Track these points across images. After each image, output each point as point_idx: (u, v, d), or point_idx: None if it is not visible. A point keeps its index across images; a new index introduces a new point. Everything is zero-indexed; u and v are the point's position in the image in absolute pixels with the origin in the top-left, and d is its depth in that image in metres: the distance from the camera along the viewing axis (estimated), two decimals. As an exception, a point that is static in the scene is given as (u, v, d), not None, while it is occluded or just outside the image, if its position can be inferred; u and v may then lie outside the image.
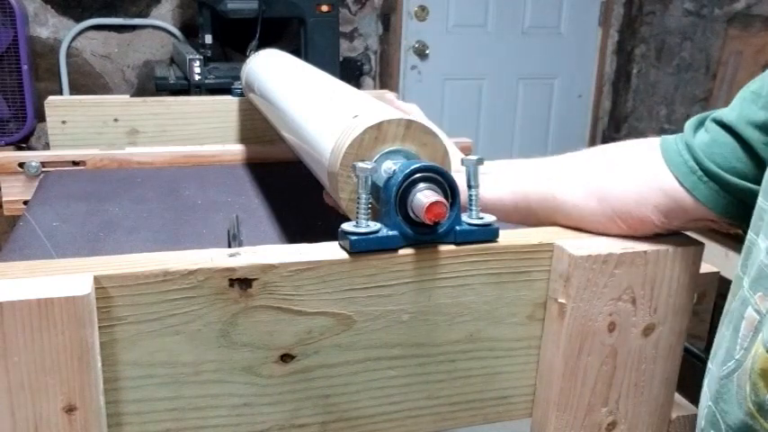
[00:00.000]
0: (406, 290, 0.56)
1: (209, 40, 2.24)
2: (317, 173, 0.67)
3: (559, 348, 0.59)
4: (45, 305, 0.45)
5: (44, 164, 1.05)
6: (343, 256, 0.54)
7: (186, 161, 1.12)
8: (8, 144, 2.38)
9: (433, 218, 0.53)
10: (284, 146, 0.88)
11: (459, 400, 0.62)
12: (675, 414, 0.66)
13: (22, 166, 1.04)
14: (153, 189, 1.00)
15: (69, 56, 2.60)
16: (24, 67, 2.36)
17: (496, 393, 0.63)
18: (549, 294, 0.60)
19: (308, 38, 2.28)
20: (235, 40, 2.47)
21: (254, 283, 0.52)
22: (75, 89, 2.60)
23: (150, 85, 2.47)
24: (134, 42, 2.67)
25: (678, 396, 0.66)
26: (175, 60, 2.47)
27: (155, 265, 0.50)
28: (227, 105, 1.22)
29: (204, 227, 0.87)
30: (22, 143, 2.42)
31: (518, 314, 0.60)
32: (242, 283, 0.52)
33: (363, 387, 0.58)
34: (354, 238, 0.54)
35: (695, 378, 0.65)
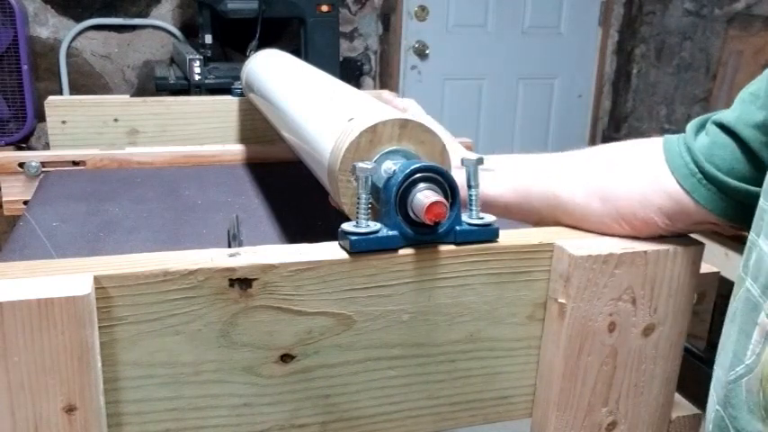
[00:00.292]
0: (406, 290, 0.56)
1: (209, 40, 2.24)
2: (317, 173, 0.67)
3: (559, 348, 0.59)
4: (45, 305, 0.45)
5: (44, 164, 1.05)
6: (344, 256, 0.54)
7: (186, 161, 1.11)
8: (8, 144, 2.38)
9: (433, 218, 0.53)
10: (284, 146, 0.88)
11: (459, 400, 0.62)
12: (675, 414, 0.66)
13: (22, 166, 1.04)
14: (153, 189, 1.00)
15: (69, 56, 2.60)
16: (24, 67, 2.36)
17: (496, 393, 0.63)
18: (550, 294, 0.60)
19: (308, 38, 2.28)
20: (235, 40, 2.47)
21: (254, 283, 0.52)
22: (76, 89, 2.60)
23: (150, 85, 2.47)
24: (134, 42, 2.67)
25: (678, 396, 0.66)
26: (175, 60, 2.47)
27: (155, 265, 0.50)
28: (227, 105, 1.22)
29: (204, 227, 0.87)
30: (22, 143, 2.42)
31: (518, 314, 0.60)
32: (242, 283, 0.52)
33: (363, 387, 0.58)
34: (354, 238, 0.54)
35: (695, 378, 0.65)
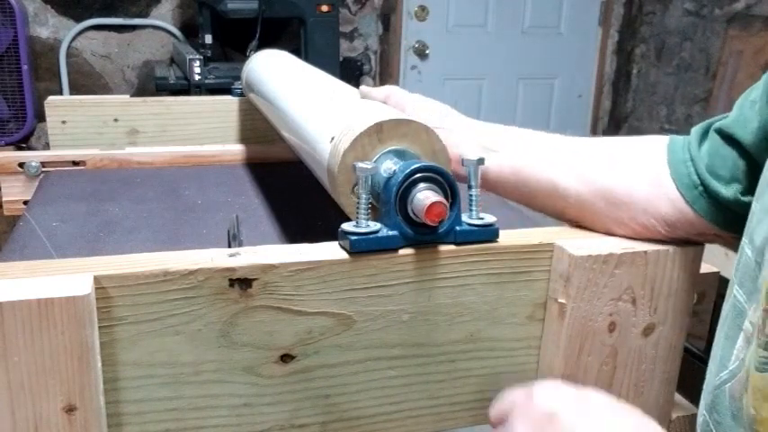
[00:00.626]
0: (406, 290, 0.56)
1: (209, 40, 2.24)
2: (317, 173, 0.67)
3: (559, 348, 0.59)
4: (45, 305, 0.45)
5: (44, 164, 1.05)
6: (344, 256, 0.54)
7: (186, 161, 1.11)
8: (8, 144, 2.38)
9: (433, 218, 0.53)
10: (284, 146, 0.88)
11: (460, 400, 0.62)
12: (675, 414, 0.66)
13: (22, 166, 1.04)
14: (153, 189, 1.00)
15: (69, 56, 2.60)
16: (24, 67, 2.35)
17: (496, 393, 0.63)
18: (550, 294, 0.60)
19: (308, 38, 2.28)
20: (235, 40, 2.47)
21: (254, 283, 0.52)
22: (76, 89, 2.60)
23: (150, 85, 2.47)
24: (134, 42, 2.67)
25: (678, 396, 0.66)
26: (175, 60, 2.47)
27: (155, 265, 0.50)
28: (227, 105, 1.22)
29: (204, 227, 0.87)
30: (22, 143, 2.42)
31: (518, 314, 0.60)
32: (242, 283, 0.52)
33: (363, 387, 0.58)
34: (354, 238, 0.54)
35: (695, 378, 0.65)
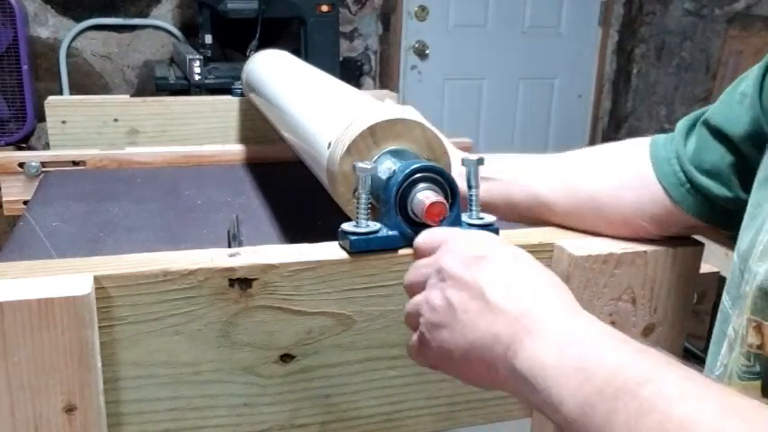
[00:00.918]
0: (406, 290, 0.56)
1: (209, 40, 2.24)
2: (317, 173, 0.67)
3: (559, 348, 0.59)
4: (45, 305, 0.45)
5: (44, 164, 1.05)
6: (343, 256, 0.54)
7: (186, 161, 1.11)
8: (8, 144, 2.38)
9: (433, 218, 0.53)
10: (284, 146, 0.88)
11: (459, 400, 0.62)
12: (675, 414, 0.66)
13: (22, 166, 1.04)
14: (153, 189, 1.00)
15: (69, 56, 2.60)
16: (24, 67, 2.35)
17: (496, 393, 0.63)
18: (549, 294, 0.60)
19: (308, 38, 2.28)
20: (235, 40, 2.47)
21: (254, 283, 0.52)
22: (76, 89, 2.60)
23: (150, 85, 2.47)
24: (134, 42, 2.67)
25: (678, 396, 0.66)
26: (175, 60, 2.46)
27: (155, 265, 0.51)
28: (227, 105, 1.22)
29: (204, 227, 0.87)
30: (22, 143, 2.42)
31: (518, 314, 0.60)
32: (242, 283, 0.52)
33: (363, 387, 0.58)
34: (354, 238, 0.54)
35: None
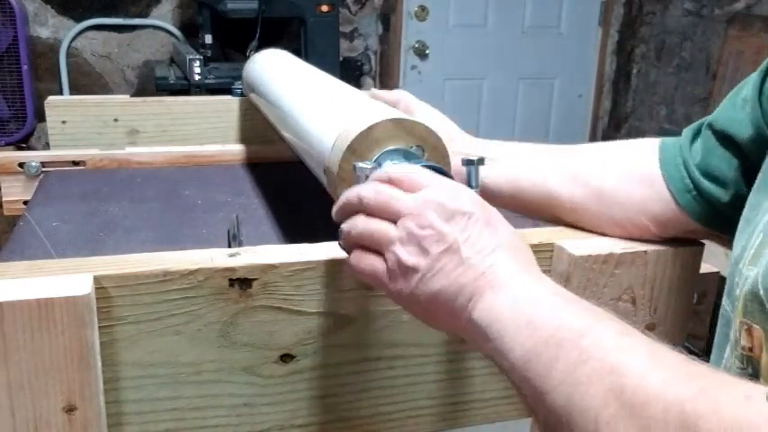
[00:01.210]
0: (406, 290, 0.56)
1: (209, 40, 2.24)
2: (317, 173, 0.67)
3: (559, 348, 0.59)
4: (45, 305, 0.45)
5: (44, 164, 1.05)
6: (344, 255, 0.54)
7: (186, 161, 1.11)
8: (8, 144, 2.38)
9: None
10: (284, 146, 0.88)
11: (459, 400, 0.62)
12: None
13: (22, 166, 1.04)
14: (153, 189, 1.00)
15: (69, 56, 2.60)
16: (24, 67, 2.35)
17: (496, 393, 0.63)
18: (549, 294, 0.60)
19: (308, 38, 2.28)
20: (235, 40, 2.47)
21: (254, 283, 0.52)
22: (76, 89, 2.60)
23: (150, 85, 2.47)
24: (134, 42, 2.67)
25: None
26: (175, 60, 2.46)
27: (155, 265, 0.51)
28: (227, 105, 1.22)
29: (204, 227, 0.87)
30: (22, 143, 2.42)
31: (518, 314, 0.60)
32: (242, 283, 0.52)
33: (363, 387, 0.58)
34: (354, 238, 0.54)
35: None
